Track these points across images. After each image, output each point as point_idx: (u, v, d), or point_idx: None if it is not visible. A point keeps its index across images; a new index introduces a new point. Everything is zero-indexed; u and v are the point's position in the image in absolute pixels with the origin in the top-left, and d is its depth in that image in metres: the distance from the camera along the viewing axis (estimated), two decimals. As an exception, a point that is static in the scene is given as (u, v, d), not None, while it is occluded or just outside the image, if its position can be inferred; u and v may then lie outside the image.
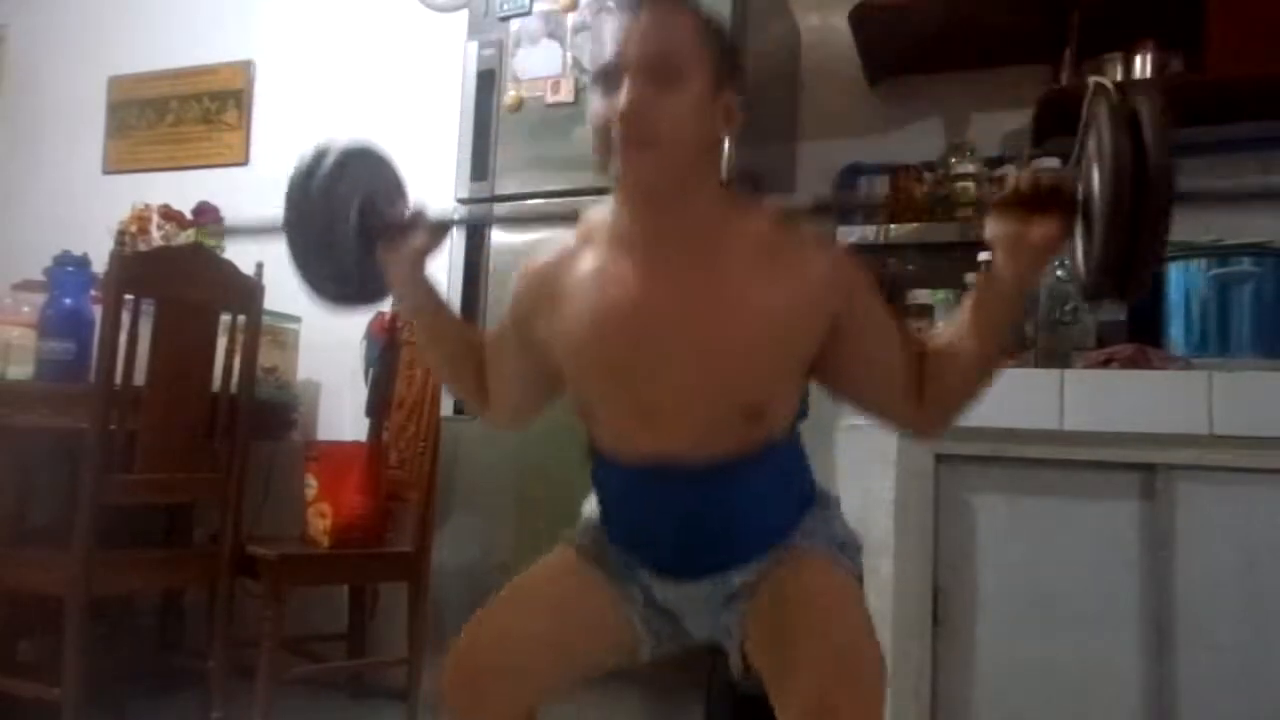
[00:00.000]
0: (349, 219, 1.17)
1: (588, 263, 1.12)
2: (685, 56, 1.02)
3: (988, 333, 1.07)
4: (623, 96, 1.00)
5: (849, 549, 1.20)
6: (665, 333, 1.06)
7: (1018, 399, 1.69)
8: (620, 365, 1.09)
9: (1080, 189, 0.98)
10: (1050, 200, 0.98)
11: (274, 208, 1.21)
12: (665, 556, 1.18)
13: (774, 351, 1.08)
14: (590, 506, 1.28)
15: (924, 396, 1.12)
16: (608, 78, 1.03)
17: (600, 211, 1.13)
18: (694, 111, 1.02)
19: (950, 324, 1.12)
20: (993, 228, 1.02)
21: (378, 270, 1.20)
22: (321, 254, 1.17)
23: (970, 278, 1.97)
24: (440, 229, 1.20)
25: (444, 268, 2.26)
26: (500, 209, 2.21)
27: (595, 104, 1.04)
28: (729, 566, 1.16)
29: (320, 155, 1.18)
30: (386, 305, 1.28)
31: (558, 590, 1.19)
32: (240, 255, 2.46)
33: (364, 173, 1.21)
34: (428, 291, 1.23)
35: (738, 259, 1.06)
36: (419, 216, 1.18)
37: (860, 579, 1.19)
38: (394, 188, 1.24)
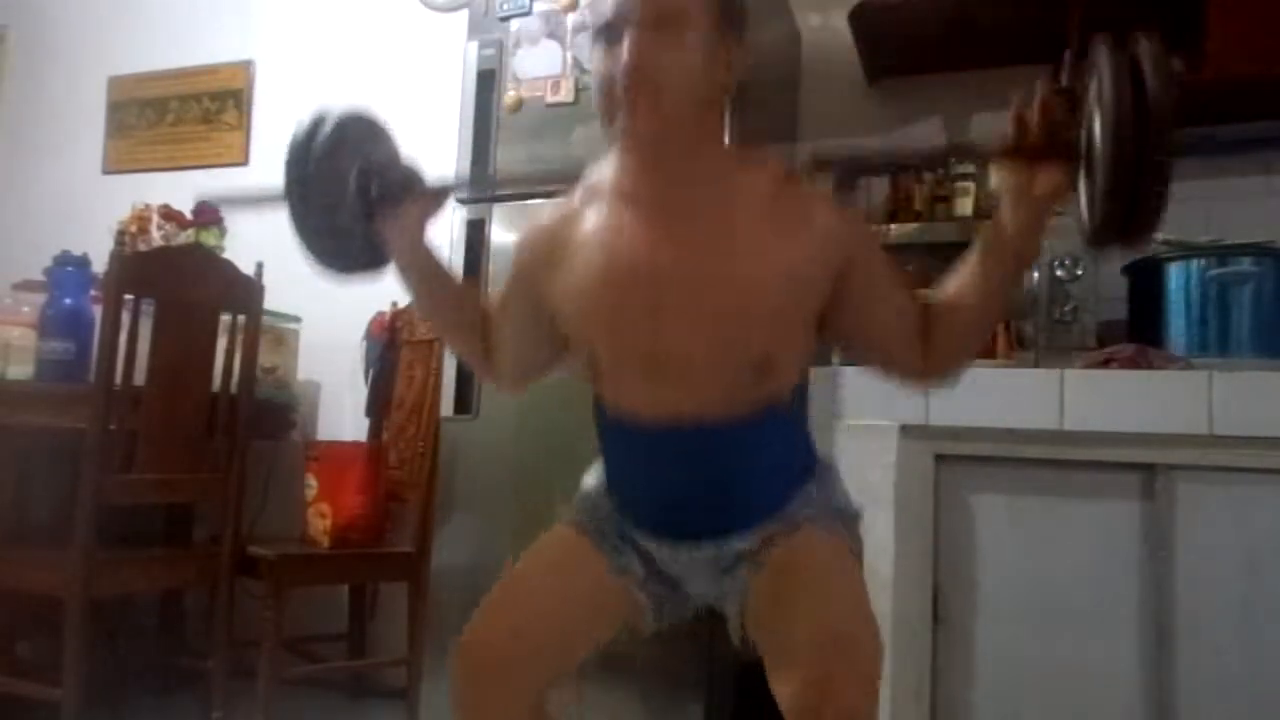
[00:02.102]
0: (348, 186, 1.17)
1: (592, 218, 1.12)
2: (687, 6, 1.02)
3: (994, 284, 1.08)
4: (625, 49, 1.00)
5: (848, 518, 1.20)
6: (673, 284, 1.06)
7: (1018, 399, 1.69)
8: (628, 319, 1.09)
9: (1083, 136, 0.97)
10: (1053, 149, 0.99)
11: (274, 208, 1.20)
12: (668, 518, 1.17)
13: (782, 302, 1.09)
14: (590, 479, 1.28)
15: (929, 346, 1.13)
16: (609, 32, 1.03)
17: (602, 169, 1.14)
18: (698, 61, 1.03)
19: (956, 274, 1.12)
20: (997, 178, 1.03)
21: (379, 237, 1.20)
22: (322, 222, 1.17)
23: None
24: (439, 195, 1.21)
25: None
26: (500, 208, 2.22)
27: (597, 60, 1.04)
28: (731, 530, 1.15)
29: (318, 123, 1.17)
30: (388, 274, 1.27)
31: (560, 573, 1.18)
32: (240, 255, 2.46)
33: (362, 140, 1.21)
34: (428, 258, 1.23)
35: (744, 210, 1.07)
36: (418, 183, 1.18)
37: (859, 554, 1.19)
38: (392, 155, 1.24)
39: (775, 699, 1.01)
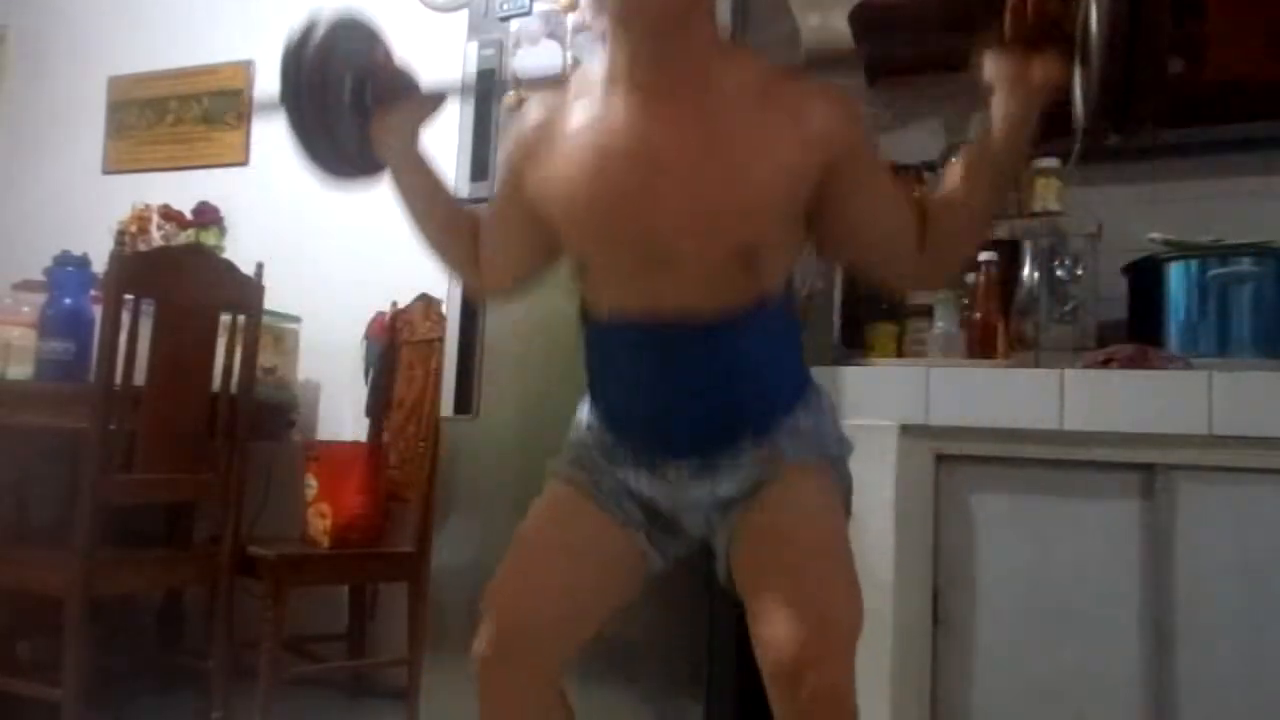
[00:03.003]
0: (343, 90, 1.19)
1: (581, 110, 1.12)
2: None
3: (987, 178, 1.08)
4: None
5: (839, 458, 1.21)
6: (660, 169, 1.06)
7: (1018, 399, 1.69)
8: (615, 206, 1.09)
9: (1078, 25, 0.97)
10: (1048, 37, 0.99)
11: (274, 208, 1.21)
12: (656, 431, 1.16)
13: (769, 189, 1.08)
14: (576, 428, 1.26)
15: (923, 246, 1.12)
16: None
17: (593, 63, 1.14)
18: None
19: (950, 170, 1.12)
20: (991, 67, 1.02)
21: (372, 141, 1.22)
22: (318, 126, 1.19)
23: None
24: (434, 99, 1.22)
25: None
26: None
27: None
28: (722, 443, 1.14)
29: (310, 28, 1.19)
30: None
31: (563, 534, 1.18)
32: (240, 255, 2.46)
33: (355, 43, 1.22)
34: (420, 162, 1.24)
35: (733, 99, 1.06)
36: (413, 86, 1.19)
37: (848, 492, 1.21)
38: (386, 58, 1.25)
39: (755, 650, 1.03)
